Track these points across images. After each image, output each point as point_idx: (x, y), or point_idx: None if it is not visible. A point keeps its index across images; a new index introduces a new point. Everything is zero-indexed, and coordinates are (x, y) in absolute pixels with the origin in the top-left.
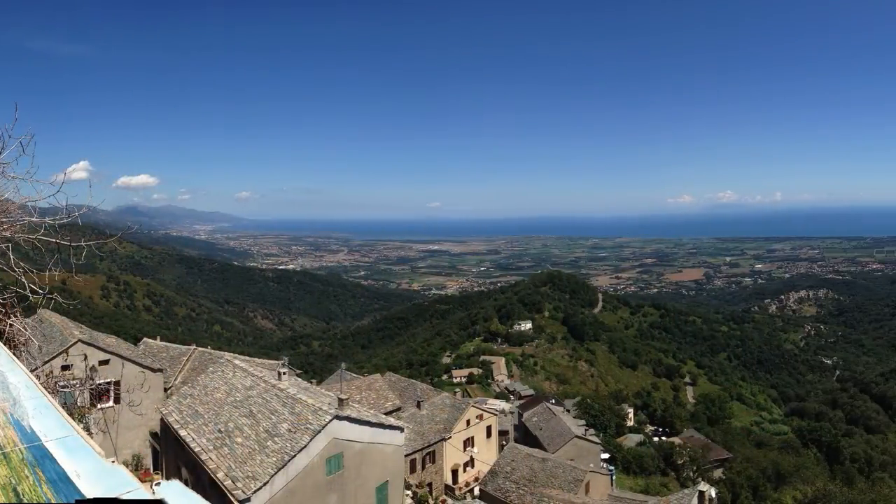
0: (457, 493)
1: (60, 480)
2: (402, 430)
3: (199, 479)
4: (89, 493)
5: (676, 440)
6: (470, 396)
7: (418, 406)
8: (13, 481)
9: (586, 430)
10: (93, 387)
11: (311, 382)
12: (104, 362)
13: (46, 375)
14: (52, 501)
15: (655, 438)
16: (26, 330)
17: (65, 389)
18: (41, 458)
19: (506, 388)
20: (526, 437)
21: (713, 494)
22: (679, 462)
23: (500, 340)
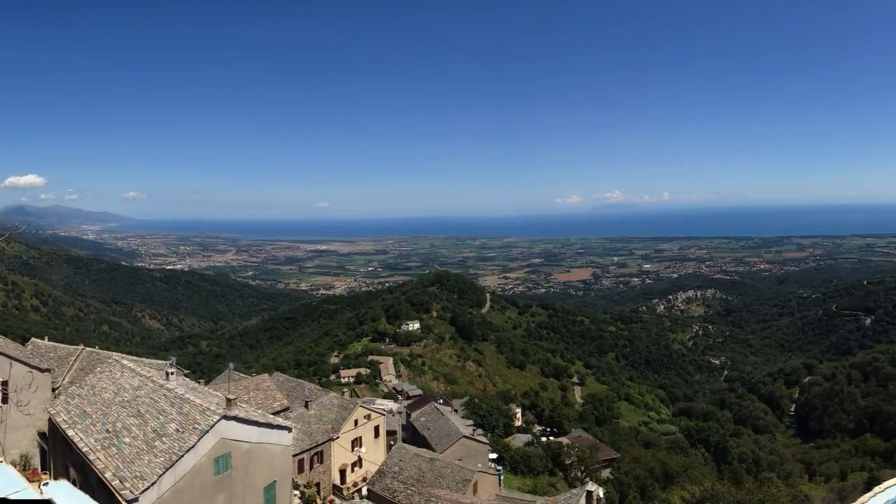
0: (345, 493)
1: None
2: (289, 430)
3: (87, 479)
4: None
5: (564, 440)
6: (358, 396)
7: (306, 406)
8: None
9: (474, 430)
10: None
11: (198, 382)
12: None
13: None
14: None
15: (543, 438)
16: None
17: None
18: None
19: (394, 389)
20: (414, 437)
21: (601, 494)
22: (567, 462)
23: (388, 340)
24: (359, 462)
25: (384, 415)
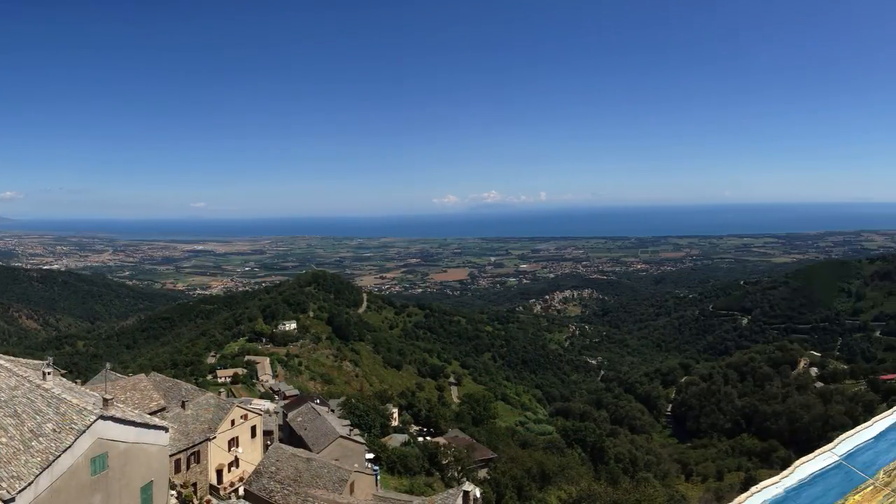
0: (222, 493)
1: None
2: (166, 430)
3: None
4: None
5: (441, 440)
6: (235, 397)
7: (183, 406)
8: None
9: (351, 430)
10: None
11: (75, 383)
12: None
13: None
14: None
15: (420, 438)
16: None
17: None
18: None
19: (271, 389)
20: (291, 437)
21: (478, 494)
22: (444, 462)
23: (264, 340)
24: (236, 462)
25: (261, 415)
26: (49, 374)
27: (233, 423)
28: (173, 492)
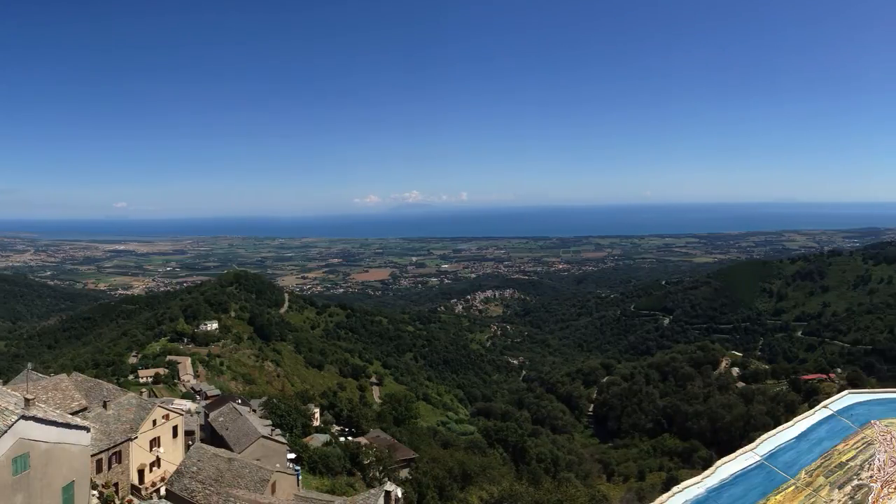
0: (143, 493)
1: None
2: (88, 430)
3: None
4: None
5: (363, 440)
6: (157, 396)
7: (105, 406)
8: None
9: (272, 430)
10: None
11: None
12: None
13: None
14: None
15: (342, 438)
16: None
17: None
18: None
19: (192, 389)
20: (213, 437)
21: (399, 494)
22: (365, 462)
23: (186, 340)
24: (157, 462)
25: (182, 415)
26: None
27: (154, 423)
28: (95, 492)
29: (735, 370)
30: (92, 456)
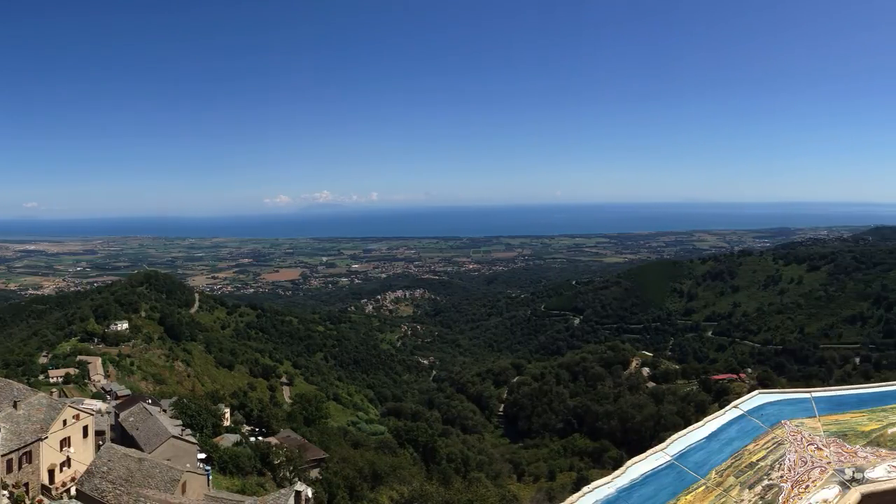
0: (53, 493)
1: None
2: None
3: None
4: None
5: (273, 440)
6: (67, 396)
7: (15, 406)
8: None
9: (183, 430)
10: None
11: None
12: None
13: None
14: None
15: (252, 438)
16: None
17: None
18: None
19: (102, 389)
20: (123, 437)
21: (309, 494)
22: (276, 462)
23: (96, 340)
24: (67, 462)
25: (93, 415)
26: None
27: (65, 423)
28: (5, 492)
29: (645, 370)
30: (2, 456)
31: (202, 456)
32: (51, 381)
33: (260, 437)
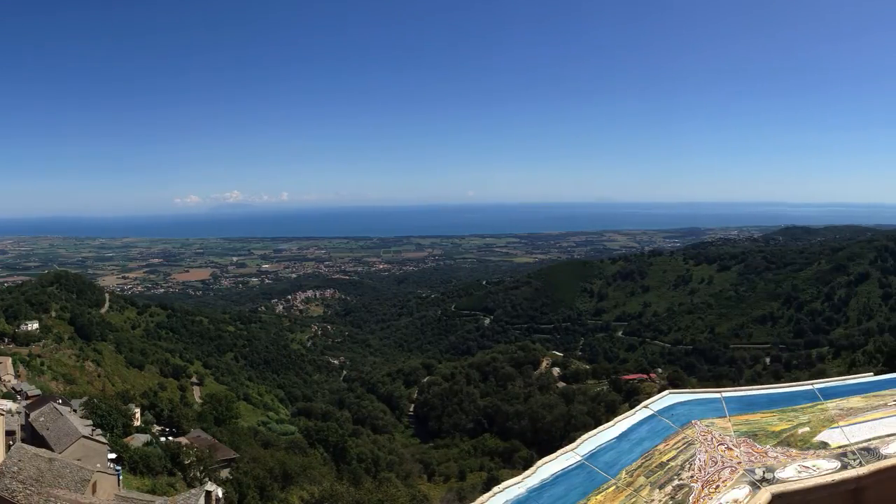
0: None
1: None
2: None
3: None
4: None
5: (184, 440)
6: None
7: None
8: None
9: (93, 430)
10: None
11: None
12: None
13: None
14: None
15: (162, 438)
16: None
17: None
18: None
19: (13, 389)
20: (33, 437)
21: (220, 494)
22: (186, 462)
23: (6, 340)
24: None
25: (3, 415)
26: None
27: None
28: None
29: (556, 370)
30: None
31: (112, 456)
32: None
33: (170, 437)
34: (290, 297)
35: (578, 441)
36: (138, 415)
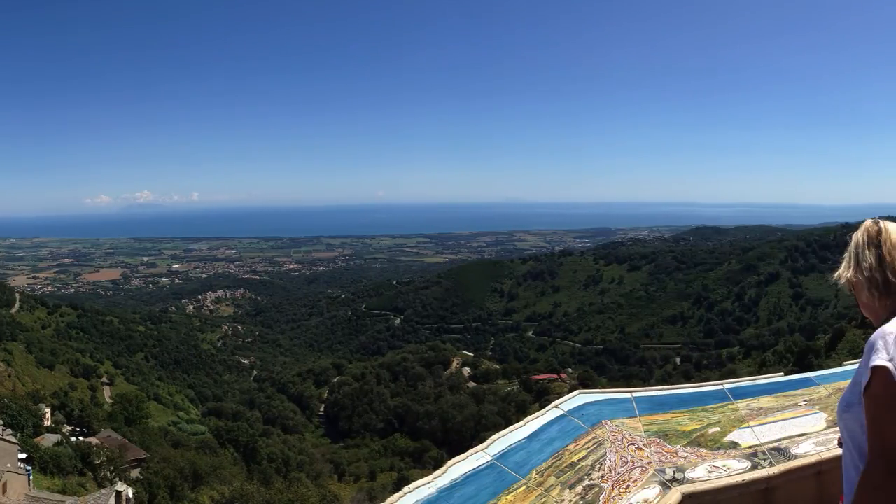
0: None
1: None
2: None
3: None
4: None
5: (94, 440)
6: None
7: None
8: None
9: (3, 430)
10: None
11: None
12: None
13: None
14: None
15: (73, 438)
16: None
17: None
18: None
19: None
20: None
21: (130, 494)
22: (97, 462)
23: None
24: None
25: None
26: None
27: None
28: None
29: (466, 370)
30: None
31: (23, 456)
32: None
33: (81, 437)
34: (200, 297)
35: (489, 441)
36: (49, 415)
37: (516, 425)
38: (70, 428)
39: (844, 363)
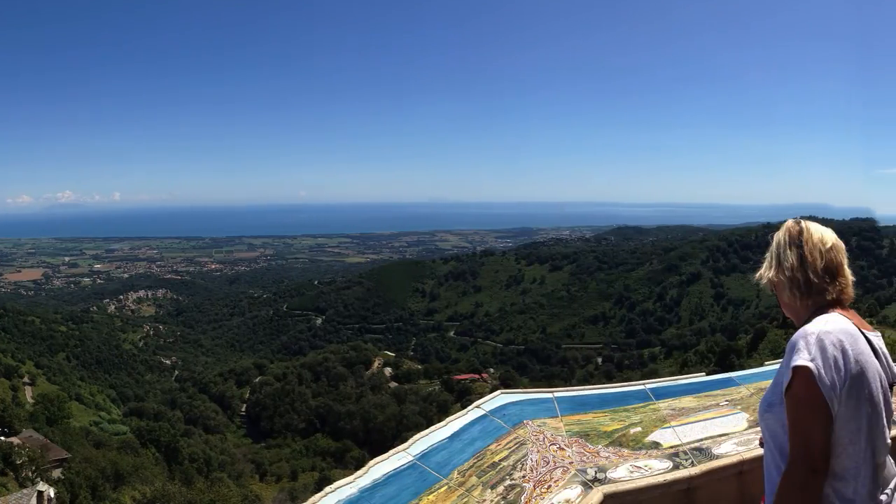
0: None
1: None
2: None
3: None
4: None
5: (15, 440)
6: None
7: None
8: None
9: None
10: None
11: None
12: None
13: None
14: None
15: None
16: None
17: None
18: None
19: None
20: None
21: (52, 494)
22: (18, 462)
23: None
24: None
25: None
26: None
27: None
28: None
29: (388, 370)
30: None
31: None
32: None
33: (2, 438)
34: (122, 296)
35: (410, 441)
36: None
37: (438, 425)
38: None
39: (766, 363)
